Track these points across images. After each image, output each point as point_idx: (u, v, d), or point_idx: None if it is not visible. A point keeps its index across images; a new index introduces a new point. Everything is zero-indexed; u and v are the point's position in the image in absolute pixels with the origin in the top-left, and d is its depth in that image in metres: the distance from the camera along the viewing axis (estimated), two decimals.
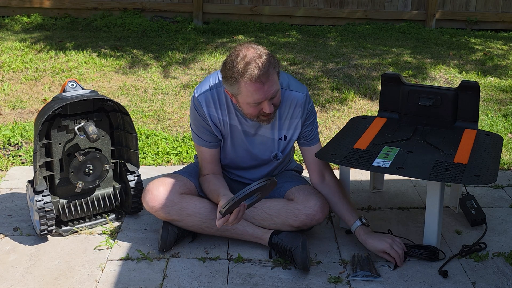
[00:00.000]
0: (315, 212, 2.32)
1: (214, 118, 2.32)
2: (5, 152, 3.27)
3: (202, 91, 2.30)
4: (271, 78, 2.09)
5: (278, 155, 2.43)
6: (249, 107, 2.15)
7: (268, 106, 2.13)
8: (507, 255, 2.37)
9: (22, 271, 2.21)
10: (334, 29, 6.40)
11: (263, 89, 2.08)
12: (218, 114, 2.31)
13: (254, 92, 2.08)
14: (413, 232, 2.54)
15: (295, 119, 2.36)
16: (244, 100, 2.14)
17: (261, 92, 2.09)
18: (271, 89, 2.11)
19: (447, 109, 2.69)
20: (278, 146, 2.41)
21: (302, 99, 2.33)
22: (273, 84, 2.11)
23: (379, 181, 2.94)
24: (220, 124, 2.34)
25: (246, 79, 2.06)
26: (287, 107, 2.33)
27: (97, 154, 2.43)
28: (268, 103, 2.14)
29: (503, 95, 4.44)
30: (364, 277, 2.20)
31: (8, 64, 4.62)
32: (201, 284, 2.16)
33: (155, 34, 5.87)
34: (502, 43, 6.03)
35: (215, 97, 2.29)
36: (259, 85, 2.07)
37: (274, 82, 2.11)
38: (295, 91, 2.32)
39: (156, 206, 2.31)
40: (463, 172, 2.23)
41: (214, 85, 2.29)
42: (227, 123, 2.33)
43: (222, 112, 2.31)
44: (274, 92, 2.13)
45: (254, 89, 2.08)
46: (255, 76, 2.05)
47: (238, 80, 2.07)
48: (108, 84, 4.40)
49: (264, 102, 2.13)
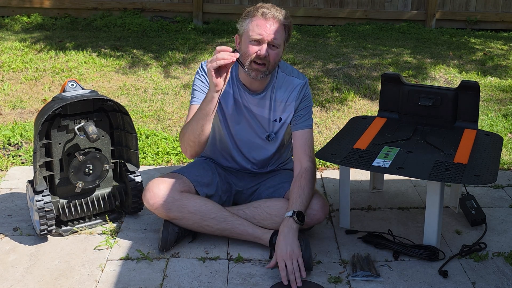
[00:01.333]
0: (315, 212, 2.32)
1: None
2: (5, 152, 3.27)
3: None
4: (278, 26, 2.24)
5: (271, 136, 2.46)
6: (249, 46, 2.24)
7: (263, 49, 2.22)
8: (507, 255, 2.37)
9: (22, 271, 2.21)
10: (334, 29, 6.40)
11: (266, 27, 2.22)
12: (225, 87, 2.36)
13: (258, 26, 2.22)
14: (413, 232, 2.54)
15: (291, 102, 2.42)
16: (247, 37, 2.25)
17: (263, 28, 2.22)
18: (273, 32, 2.23)
19: (447, 109, 2.69)
20: (272, 127, 2.45)
21: (301, 84, 2.43)
22: (277, 31, 2.24)
23: (379, 181, 2.94)
24: (222, 95, 2.38)
25: (257, 13, 2.24)
26: (286, 91, 2.42)
27: (97, 154, 2.43)
28: (265, 46, 2.23)
29: (503, 95, 4.44)
30: (364, 277, 2.20)
31: (8, 64, 4.62)
32: (201, 284, 2.16)
33: (155, 34, 5.87)
34: (502, 43, 6.03)
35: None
36: (264, 22, 2.23)
37: (279, 32, 2.25)
38: (296, 78, 2.44)
39: (157, 203, 2.32)
40: (463, 172, 2.23)
41: None
42: (231, 95, 2.40)
43: (229, 85, 2.39)
44: (275, 38, 2.23)
45: (259, 24, 2.23)
46: (265, 13, 2.23)
47: (250, 15, 2.26)
48: (108, 84, 4.40)
49: (263, 43, 2.22)
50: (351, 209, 2.67)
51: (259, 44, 2.23)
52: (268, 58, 2.24)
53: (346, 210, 2.54)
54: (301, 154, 2.40)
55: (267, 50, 2.23)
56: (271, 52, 2.25)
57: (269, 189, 2.49)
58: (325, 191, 2.94)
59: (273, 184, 2.50)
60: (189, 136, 2.28)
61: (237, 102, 2.42)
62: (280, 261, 2.15)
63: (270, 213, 2.35)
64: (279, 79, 2.42)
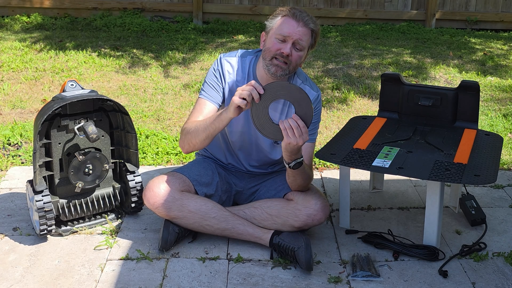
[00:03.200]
0: (316, 212, 2.31)
1: (232, 82, 2.38)
2: (5, 152, 3.27)
3: (229, 56, 2.42)
4: (306, 28, 2.25)
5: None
6: (274, 42, 2.25)
7: (287, 47, 2.23)
8: (507, 255, 2.37)
9: (22, 271, 2.21)
10: (334, 29, 6.40)
11: (294, 26, 2.23)
12: (237, 80, 2.38)
13: (286, 24, 2.24)
14: (413, 232, 2.54)
15: None
16: (273, 33, 2.26)
17: (291, 27, 2.23)
18: (300, 33, 2.24)
19: (447, 109, 2.69)
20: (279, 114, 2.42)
21: (314, 97, 2.41)
22: (305, 33, 2.25)
23: (379, 181, 2.94)
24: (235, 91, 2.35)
25: (287, 13, 2.27)
26: None
27: (97, 154, 2.43)
28: (290, 45, 2.24)
29: (503, 95, 4.44)
30: (364, 277, 2.20)
31: (8, 64, 4.62)
32: (200, 284, 2.15)
33: (155, 34, 5.87)
34: (502, 43, 6.03)
35: (239, 64, 2.40)
36: (293, 21, 2.24)
37: (306, 35, 2.26)
38: (310, 88, 2.42)
39: (157, 202, 2.32)
40: (463, 172, 2.23)
41: (240, 55, 2.42)
42: None
43: (242, 79, 2.39)
44: (301, 38, 2.25)
45: (288, 22, 2.24)
46: (296, 14, 2.25)
47: (281, 14, 2.28)
48: (108, 84, 4.40)
49: (288, 41, 2.23)
50: (351, 209, 2.67)
51: (284, 42, 2.24)
52: (290, 57, 2.25)
53: (346, 210, 2.54)
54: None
55: (290, 48, 2.24)
56: (294, 53, 2.26)
57: (270, 191, 2.48)
58: (325, 191, 2.94)
59: (273, 185, 2.50)
60: (191, 138, 2.29)
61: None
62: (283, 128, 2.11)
63: (271, 213, 2.35)
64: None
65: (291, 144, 2.11)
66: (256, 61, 2.39)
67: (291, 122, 2.08)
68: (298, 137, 2.09)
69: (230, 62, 2.40)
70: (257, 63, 2.39)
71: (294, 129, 2.08)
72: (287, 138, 2.10)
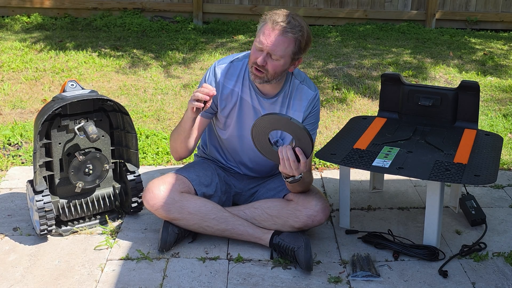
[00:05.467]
0: (316, 213, 2.31)
1: (226, 90, 2.37)
2: (5, 152, 3.27)
3: (223, 62, 2.40)
4: (282, 37, 2.16)
5: (278, 142, 2.42)
6: (253, 50, 2.23)
7: (261, 57, 2.18)
8: (507, 255, 2.37)
9: (22, 271, 2.21)
10: (334, 29, 6.40)
11: (268, 35, 2.16)
12: (231, 85, 2.37)
13: (262, 33, 2.18)
14: (413, 232, 2.54)
15: (299, 112, 2.38)
16: (255, 40, 2.23)
17: (265, 37, 2.17)
18: (274, 43, 2.16)
19: (447, 109, 2.69)
20: (280, 132, 2.42)
21: (311, 96, 2.39)
22: (279, 43, 2.17)
23: (379, 181, 2.94)
24: (230, 96, 2.37)
25: (269, 20, 2.18)
26: (297, 99, 2.38)
27: (97, 154, 2.43)
28: (263, 55, 2.18)
29: (503, 95, 4.44)
30: (364, 277, 2.20)
31: (8, 64, 4.62)
32: (201, 284, 2.16)
33: (155, 34, 5.87)
34: (502, 43, 6.03)
35: (233, 68, 2.38)
36: (268, 30, 2.17)
37: (282, 44, 2.17)
38: (307, 88, 2.40)
39: (156, 204, 2.32)
40: (463, 172, 2.23)
41: (234, 59, 2.40)
42: (238, 94, 2.37)
43: (237, 84, 2.37)
44: (274, 49, 2.17)
45: (265, 32, 2.18)
46: (276, 22, 2.16)
47: (264, 20, 2.21)
48: (108, 84, 4.40)
49: (264, 50, 2.18)
50: (351, 209, 2.67)
51: (261, 51, 2.20)
52: (266, 67, 2.21)
53: (346, 210, 2.54)
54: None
55: (264, 59, 2.19)
56: (270, 63, 2.20)
57: (269, 192, 2.48)
58: (325, 191, 2.94)
59: (273, 186, 2.49)
60: (172, 144, 2.44)
61: (246, 104, 2.37)
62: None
63: (271, 214, 2.35)
64: (292, 86, 2.38)
65: (285, 172, 2.14)
66: None
67: (290, 155, 2.08)
68: (295, 169, 2.11)
69: (222, 68, 2.37)
70: None
71: (292, 162, 2.09)
72: (284, 168, 2.12)
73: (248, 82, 2.36)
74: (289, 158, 2.08)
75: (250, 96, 2.36)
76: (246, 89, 2.36)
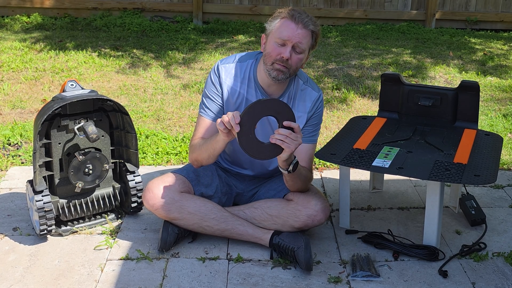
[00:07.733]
0: (316, 213, 2.31)
1: (231, 89, 2.35)
2: (5, 152, 3.27)
3: (226, 62, 2.39)
4: (305, 30, 2.21)
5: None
6: (273, 46, 2.22)
7: (287, 51, 2.20)
8: (507, 255, 2.37)
9: (22, 271, 2.21)
10: (334, 29, 6.40)
11: (293, 29, 2.19)
12: (236, 86, 2.35)
13: (285, 27, 2.20)
14: (413, 232, 2.54)
15: (303, 113, 2.38)
16: (273, 37, 2.23)
17: (290, 30, 2.19)
18: (300, 36, 2.20)
19: (447, 109, 2.69)
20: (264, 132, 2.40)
21: (315, 97, 2.39)
22: (304, 36, 2.21)
23: (379, 181, 2.94)
24: (234, 97, 2.35)
25: (286, 15, 2.22)
26: (301, 100, 2.38)
27: (97, 154, 2.43)
28: (289, 49, 2.20)
29: (503, 95, 4.44)
30: (364, 277, 2.20)
31: (8, 64, 4.62)
32: (200, 284, 2.15)
33: (155, 34, 5.87)
34: (502, 43, 6.03)
35: (237, 69, 2.36)
36: (293, 24, 2.20)
37: (306, 37, 2.21)
38: (311, 89, 2.40)
39: (156, 204, 2.32)
40: (463, 172, 2.23)
41: (238, 59, 2.39)
42: (243, 96, 2.35)
43: (242, 85, 2.35)
44: (301, 41, 2.20)
45: (287, 25, 2.20)
46: (295, 16, 2.20)
47: (280, 16, 2.24)
48: (108, 84, 4.40)
49: (287, 45, 2.20)
50: (351, 209, 2.67)
51: (283, 45, 2.20)
52: (290, 61, 2.21)
53: (346, 210, 2.54)
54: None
55: (290, 52, 2.20)
56: (294, 56, 2.22)
57: (270, 192, 2.48)
58: (325, 191, 2.94)
59: (274, 187, 2.49)
60: (197, 156, 2.34)
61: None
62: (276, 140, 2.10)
63: (271, 214, 2.35)
64: (296, 86, 2.38)
65: (291, 150, 2.10)
66: (257, 64, 2.36)
67: (282, 132, 2.07)
68: (295, 140, 2.09)
69: (227, 68, 2.36)
70: (257, 66, 2.35)
71: (289, 135, 2.07)
72: (287, 147, 2.09)
73: (253, 83, 2.34)
74: (285, 134, 2.07)
75: (255, 98, 2.34)
76: (252, 90, 2.35)
